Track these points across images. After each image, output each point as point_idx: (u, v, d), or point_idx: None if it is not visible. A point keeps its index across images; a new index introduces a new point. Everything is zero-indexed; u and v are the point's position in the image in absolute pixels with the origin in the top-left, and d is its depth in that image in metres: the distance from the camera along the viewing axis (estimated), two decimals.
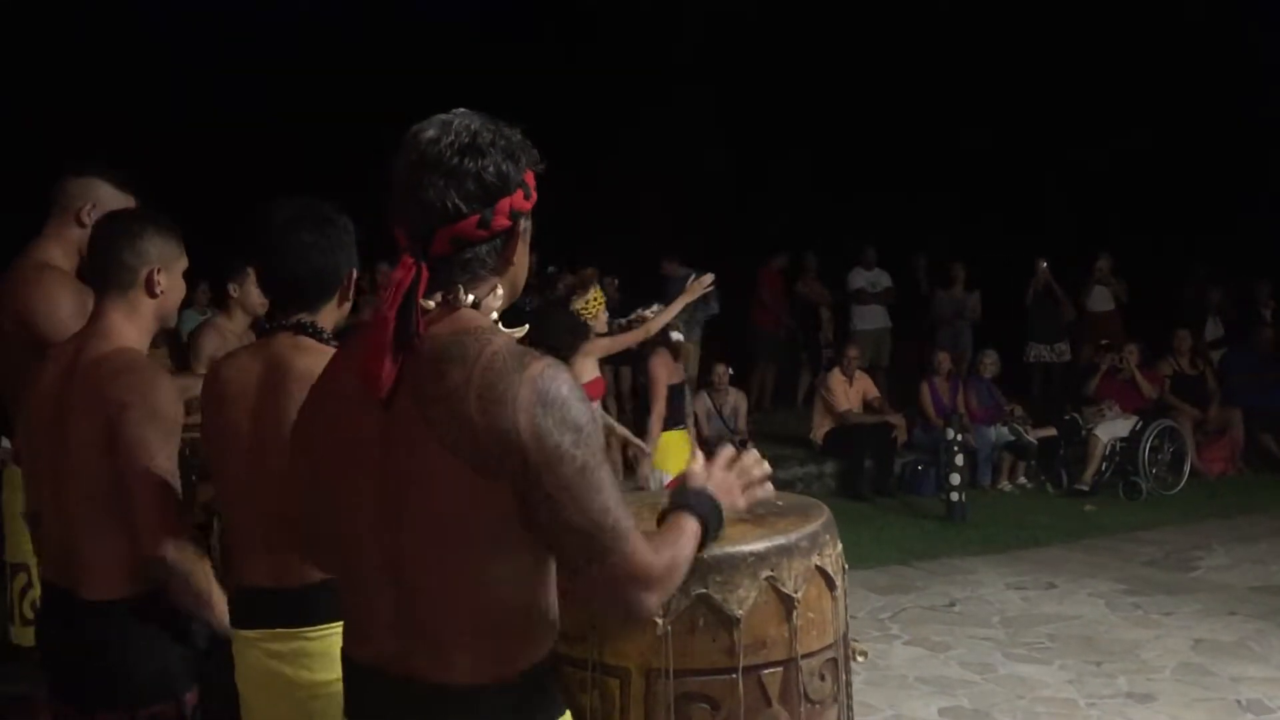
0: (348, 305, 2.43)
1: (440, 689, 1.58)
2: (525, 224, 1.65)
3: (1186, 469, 9.75)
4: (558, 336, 5.45)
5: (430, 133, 1.60)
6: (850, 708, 2.24)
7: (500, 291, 1.64)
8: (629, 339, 6.19)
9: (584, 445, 1.52)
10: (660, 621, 1.93)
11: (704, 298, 11.32)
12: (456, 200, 1.57)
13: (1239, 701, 4.77)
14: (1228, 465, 10.30)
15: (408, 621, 1.60)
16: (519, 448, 1.49)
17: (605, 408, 10.12)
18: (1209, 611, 6.05)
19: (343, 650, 1.72)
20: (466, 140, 1.58)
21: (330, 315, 2.38)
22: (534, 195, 1.65)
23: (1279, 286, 12.13)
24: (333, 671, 1.88)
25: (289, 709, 2.24)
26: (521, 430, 1.49)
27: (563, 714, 1.68)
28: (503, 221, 1.60)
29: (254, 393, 2.27)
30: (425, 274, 1.57)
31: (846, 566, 2.31)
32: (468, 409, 1.50)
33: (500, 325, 1.64)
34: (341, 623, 1.74)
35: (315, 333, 2.31)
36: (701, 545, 1.77)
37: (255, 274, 2.78)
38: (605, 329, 6.39)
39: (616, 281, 11.26)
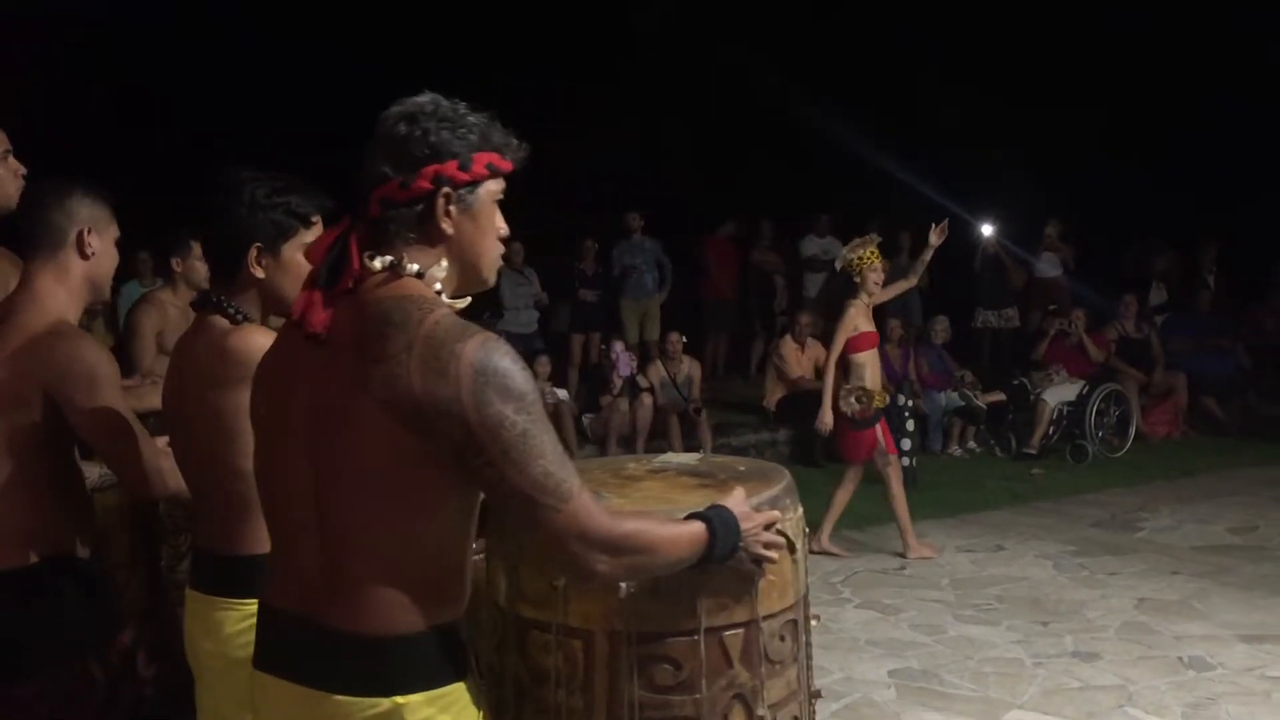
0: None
1: (352, 637, 1.65)
2: (465, 196, 1.70)
3: (1132, 432, 9.96)
4: (842, 291, 6.28)
5: (392, 110, 1.70)
6: (810, 668, 2.28)
7: (444, 264, 1.70)
8: (898, 289, 7.16)
9: (525, 412, 1.58)
10: (624, 585, 1.95)
11: (656, 263, 11.41)
12: (385, 165, 1.67)
13: (1181, 659, 4.90)
14: (1171, 428, 10.53)
15: (330, 571, 1.67)
16: (460, 416, 1.56)
17: (564, 380, 10.14)
18: (1152, 571, 6.20)
19: (261, 600, 1.80)
20: (411, 110, 1.68)
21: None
22: (482, 173, 1.70)
23: (1222, 252, 12.38)
24: None
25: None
26: (463, 399, 1.56)
27: (462, 678, 1.71)
28: (423, 185, 1.66)
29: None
30: (360, 232, 1.68)
31: (808, 530, 2.34)
32: (408, 374, 1.57)
33: (443, 297, 1.70)
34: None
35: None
36: (708, 556, 1.83)
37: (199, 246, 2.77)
38: (874, 289, 6.71)
39: (596, 246, 11.27)
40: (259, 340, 2.16)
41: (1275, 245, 12.64)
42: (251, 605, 2.11)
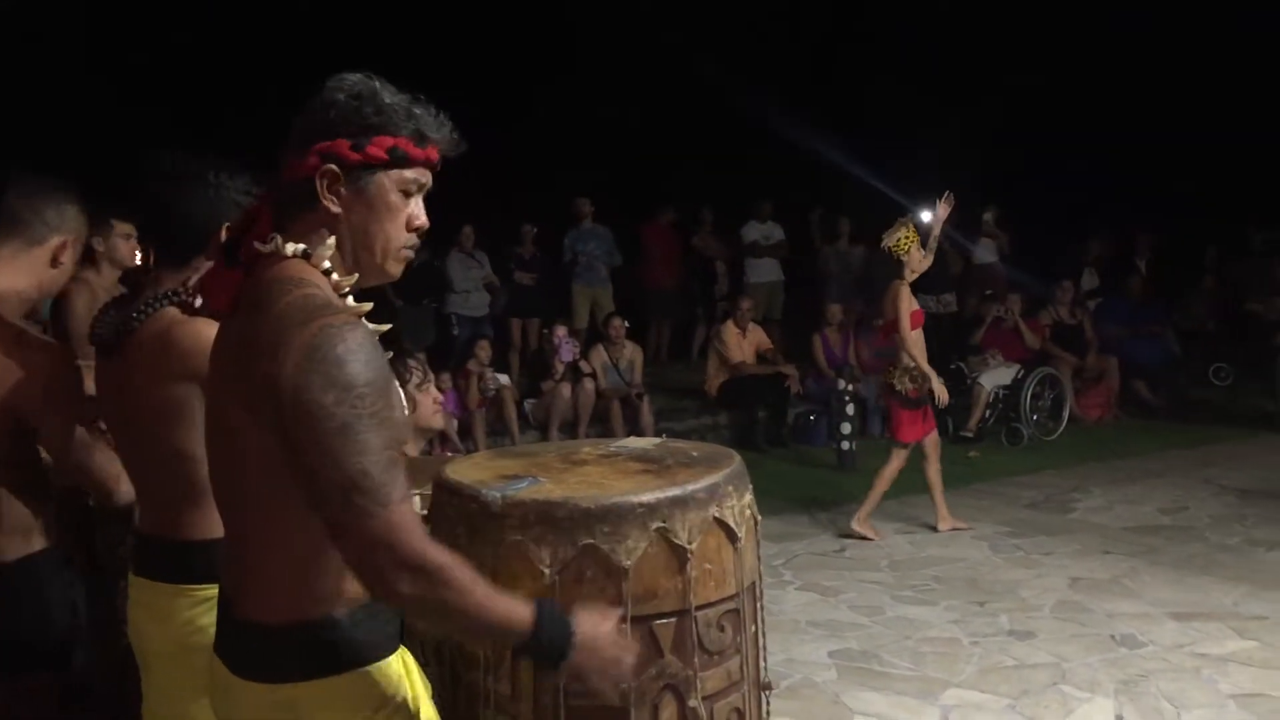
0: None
1: (252, 625, 1.63)
2: (359, 178, 1.63)
3: (1065, 415, 10.11)
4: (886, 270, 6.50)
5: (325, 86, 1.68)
6: (760, 659, 2.26)
7: (331, 243, 1.64)
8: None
9: (349, 405, 1.48)
10: (547, 572, 1.93)
11: (607, 250, 11.39)
12: (292, 142, 1.64)
13: (1113, 636, 4.97)
14: (1104, 411, 10.70)
15: (236, 558, 1.67)
16: (277, 399, 1.49)
17: (506, 365, 10.08)
18: (1086, 551, 6.29)
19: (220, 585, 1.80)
20: (331, 86, 1.64)
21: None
22: (378, 156, 1.63)
23: (1154, 239, 12.60)
24: None
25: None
26: (283, 381, 1.49)
27: (374, 661, 1.66)
28: (310, 162, 1.61)
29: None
30: (267, 210, 1.66)
31: (759, 518, 2.32)
32: (254, 354, 1.53)
33: (334, 277, 1.65)
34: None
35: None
36: (523, 650, 1.61)
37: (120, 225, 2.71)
38: (918, 266, 6.83)
39: (535, 230, 11.22)
40: (209, 332, 2.12)
41: (1205, 232, 12.91)
42: (203, 590, 2.09)
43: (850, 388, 8.99)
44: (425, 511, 2.41)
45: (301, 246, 1.62)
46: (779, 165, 13.45)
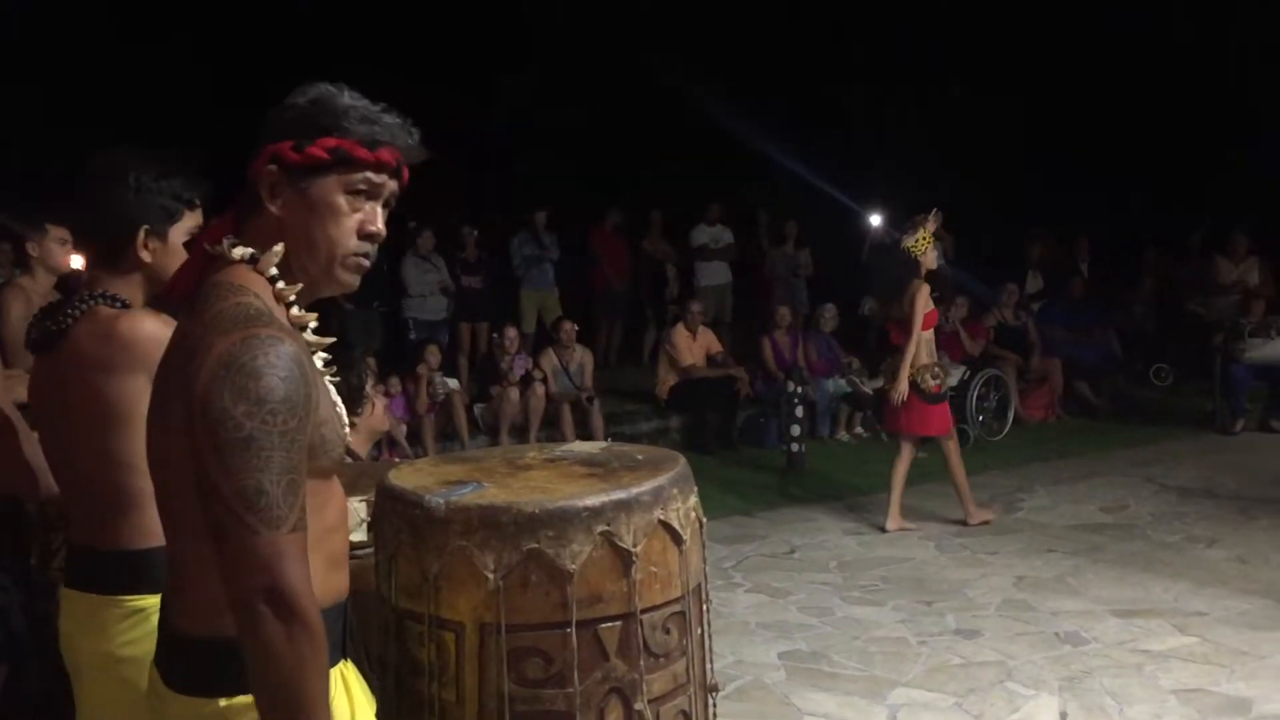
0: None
1: (184, 638, 1.60)
2: (302, 179, 1.61)
3: (1010, 416, 10.24)
4: (897, 271, 6.74)
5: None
6: (706, 660, 2.27)
7: (279, 249, 1.61)
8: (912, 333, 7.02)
9: (259, 419, 1.44)
10: (491, 576, 1.92)
11: (546, 250, 11.37)
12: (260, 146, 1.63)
13: (1057, 634, 5.04)
14: (1048, 412, 10.85)
15: (170, 567, 1.65)
16: (187, 404, 1.47)
17: (455, 369, 10.03)
18: (1030, 550, 6.37)
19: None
20: (292, 94, 1.63)
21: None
22: (320, 157, 1.60)
23: (1096, 243, 12.82)
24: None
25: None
26: (196, 387, 1.46)
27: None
28: (259, 164, 1.61)
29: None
30: (230, 212, 1.65)
31: (704, 520, 2.33)
32: (180, 361, 1.52)
33: (279, 285, 1.62)
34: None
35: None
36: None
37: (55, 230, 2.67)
38: (934, 265, 6.99)
39: (475, 233, 11.19)
40: (149, 325, 2.12)
41: (1145, 234, 13.15)
42: (134, 601, 2.05)
43: (800, 390, 9.04)
44: (369, 518, 2.39)
45: (250, 251, 1.60)
46: (728, 168, 13.52)
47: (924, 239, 6.91)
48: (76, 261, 4.81)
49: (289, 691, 1.43)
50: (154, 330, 2.08)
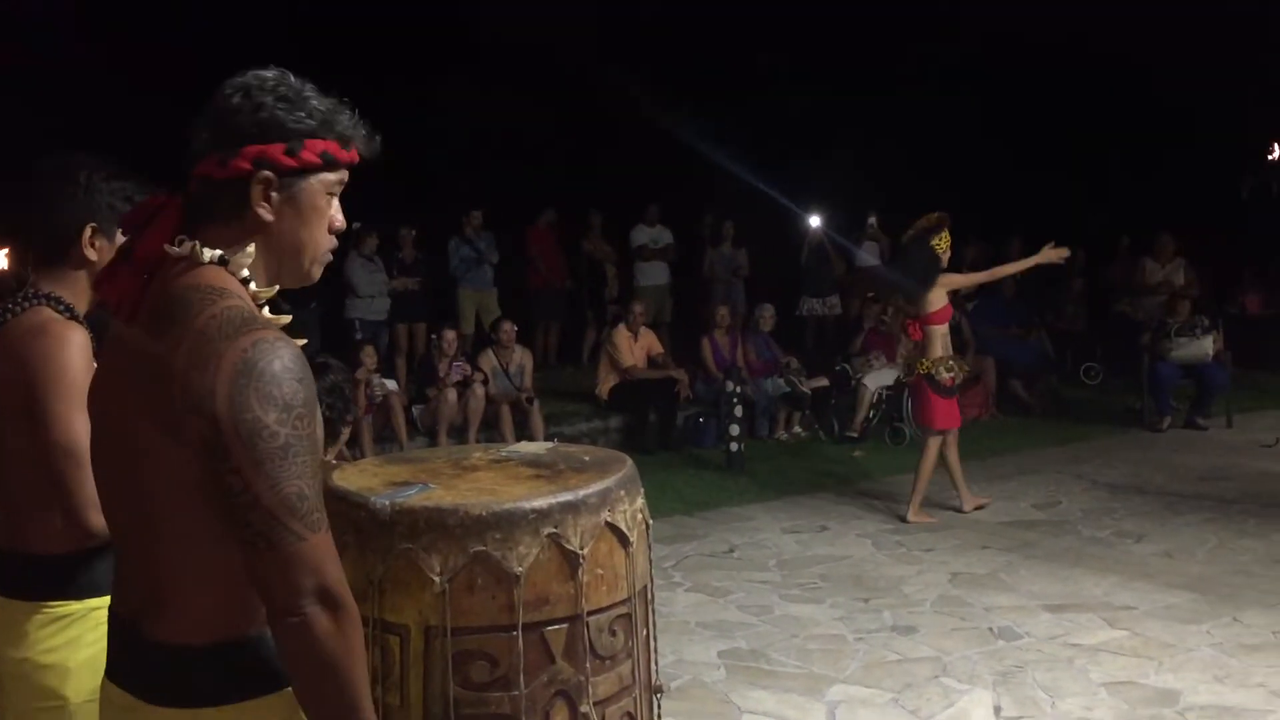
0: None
1: (163, 647, 1.56)
2: (291, 183, 1.58)
3: None
4: (919, 269, 6.96)
5: (234, 78, 1.58)
6: (652, 662, 2.28)
7: (250, 250, 1.58)
8: (979, 278, 7.62)
9: (289, 425, 1.44)
10: (437, 579, 1.92)
11: (483, 251, 11.34)
12: (207, 137, 1.55)
13: (991, 629, 5.13)
14: (982, 410, 11.01)
15: (148, 577, 1.58)
16: (211, 415, 1.43)
17: (393, 370, 9.94)
18: (965, 546, 6.48)
19: (110, 605, 1.71)
20: (250, 82, 1.57)
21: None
22: (313, 161, 1.58)
23: (1028, 242, 13.02)
24: None
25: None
26: (218, 398, 1.42)
27: (277, 690, 1.60)
28: (241, 165, 1.55)
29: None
30: (177, 209, 1.56)
31: (650, 522, 2.34)
32: (173, 370, 1.46)
33: (252, 286, 1.59)
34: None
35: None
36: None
37: None
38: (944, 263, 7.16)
39: (413, 233, 11.12)
40: (76, 334, 2.10)
41: (1075, 235, 13.39)
42: (59, 607, 2.01)
43: (739, 390, 9.10)
44: None
45: (218, 253, 1.55)
46: (668, 169, 13.56)
47: (944, 239, 7.07)
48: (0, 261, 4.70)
49: (344, 685, 1.46)
50: (79, 339, 2.07)
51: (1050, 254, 7.28)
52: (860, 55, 14.67)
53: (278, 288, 1.64)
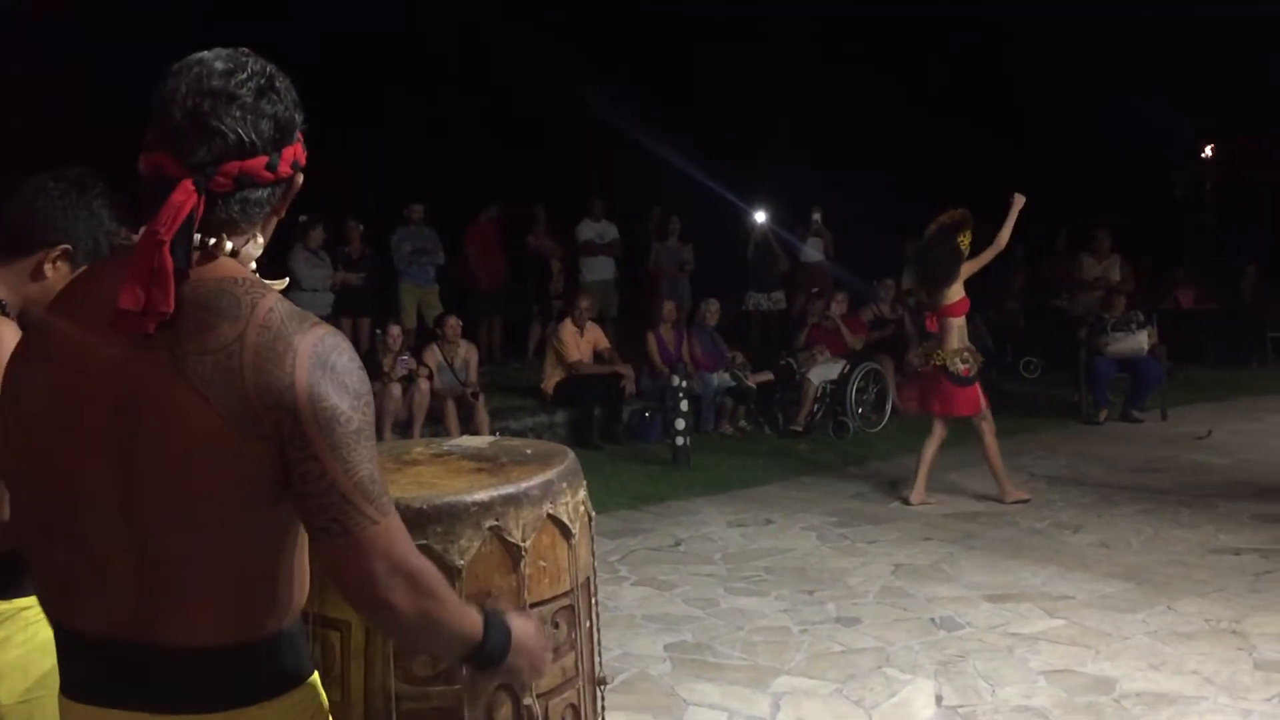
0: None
1: (185, 652, 1.51)
2: (300, 179, 1.60)
3: (888, 408, 10.50)
4: (944, 262, 7.20)
5: (221, 65, 1.51)
6: (595, 654, 2.28)
7: (261, 241, 1.58)
8: (987, 257, 7.52)
9: (362, 411, 1.49)
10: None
11: (426, 248, 11.26)
12: (252, 135, 1.50)
13: (933, 619, 5.19)
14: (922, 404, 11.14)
15: (150, 584, 1.50)
16: (291, 407, 1.44)
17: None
18: (907, 538, 6.55)
19: (60, 623, 1.60)
20: (264, 81, 1.52)
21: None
22: (304, 155, 1.60)
23: (971, 237, 13.18)
24: None
25: None
26: (298, 389, 1.44)
27: (311, 674, 1.63)
28: (285, 169, 1.54)
29: None
30: (203, 205, 1.48)
31: (593, 514, 2.33)
32: (240, 365, 1.44)
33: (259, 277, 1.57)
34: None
35: None
36: (471, 659, 1.63)
37: None
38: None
39: (361, 227, 11.04)
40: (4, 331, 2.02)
41: (1015, 231, 13.58)
42: None
43: (685, 384, 9.12)
44: None
45: (231, 245, 1.53)
46: (614, 164, 13.56)
47: (968, 236, 7.34)
48: None
49: (440, 631, 1.56)
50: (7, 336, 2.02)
51: (1019, 202, 7.55)
52: (800, 53, 14.75)
53: (287, 280, 1.63)
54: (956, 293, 7.27)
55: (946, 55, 15.02)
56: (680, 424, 8.92)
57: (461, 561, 1.95)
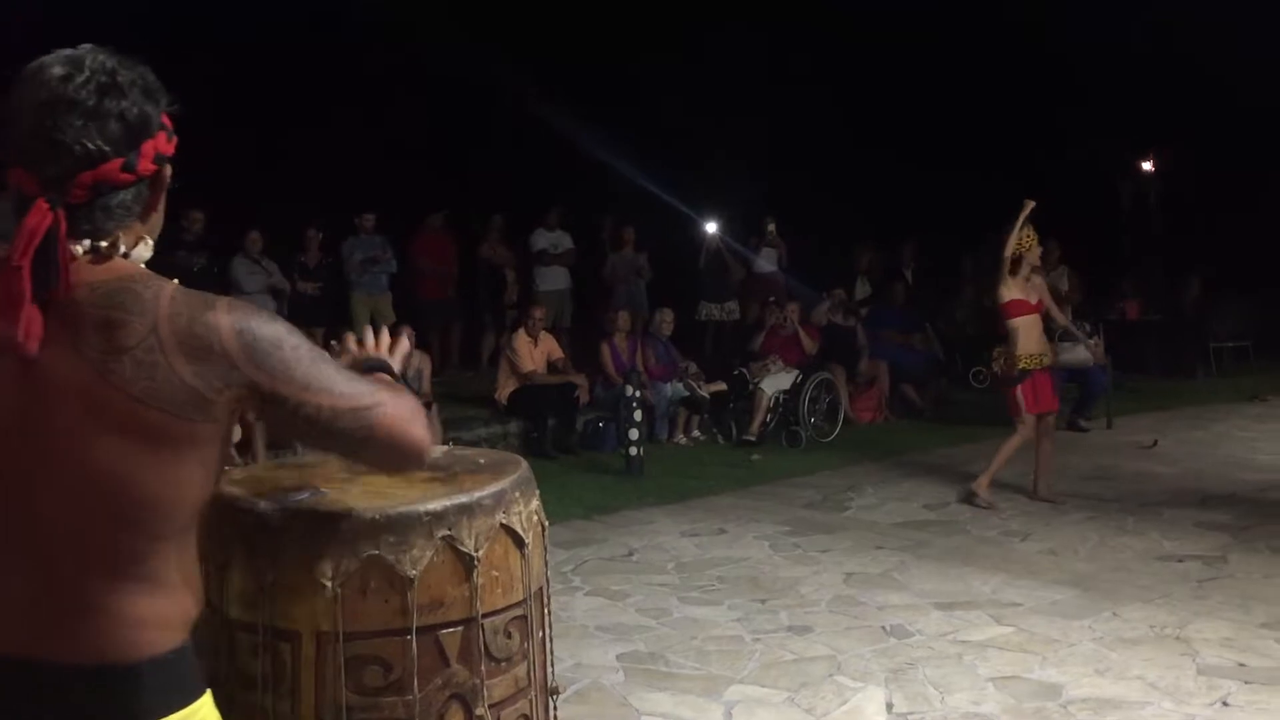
0: None
1: (96, 671, 1.47)
2: (169, 170, 1.58)
3: (840, 418, 10.58)
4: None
5: (58, 70, 1.47)
6: (547, 664, 2.27)
7: (149, 241, 1.56)
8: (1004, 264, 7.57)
9: (301, 346, 1.54)
10: (329, 585, 1.88)
11: (377, 257, 11.20)
12: (99, 142, 1.46)
13: (884, 627, 5.24)
14: (875, 414, 11.25)
15: (55, 601, 1.47)
16: (245, 383, 1.48)
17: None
18: (859, 547, 6.60)
19: None
20: (105, 80, 1.48)
21: None
22: (174, 138, 1.57)
23: (921, 248, 13.38)
24: None
25: None
26: (241, 367, 1.48)
27: (203, 693, 1.58)
28: (147, 165, 1.51)
29: None
30: (63, 220, 1.44)
31: (546, 524, 2.33)
32: (164, 355, 1.43)
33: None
34: None
35: None
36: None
37: None
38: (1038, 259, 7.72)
39: (320, 235, 10.96)
40: None
41: (963, 244, 13.80)
42: None
43: (638, 394, 9.13)
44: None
45: (122, 248, 1.51)
46: (569, 174, 13.56)
47: (1029, 237, 7.61)
48: None
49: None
50: None
51: (1028, 206, 7.70)
52: (746, 68, 14.86)
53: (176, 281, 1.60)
54: (1007, 293, 7.47)
55: (891, 69, 15.19)
56: (634, 434, 8.93)
57: (414, 572, 1.94)
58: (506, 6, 14.39)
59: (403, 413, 1.65)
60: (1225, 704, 4.27)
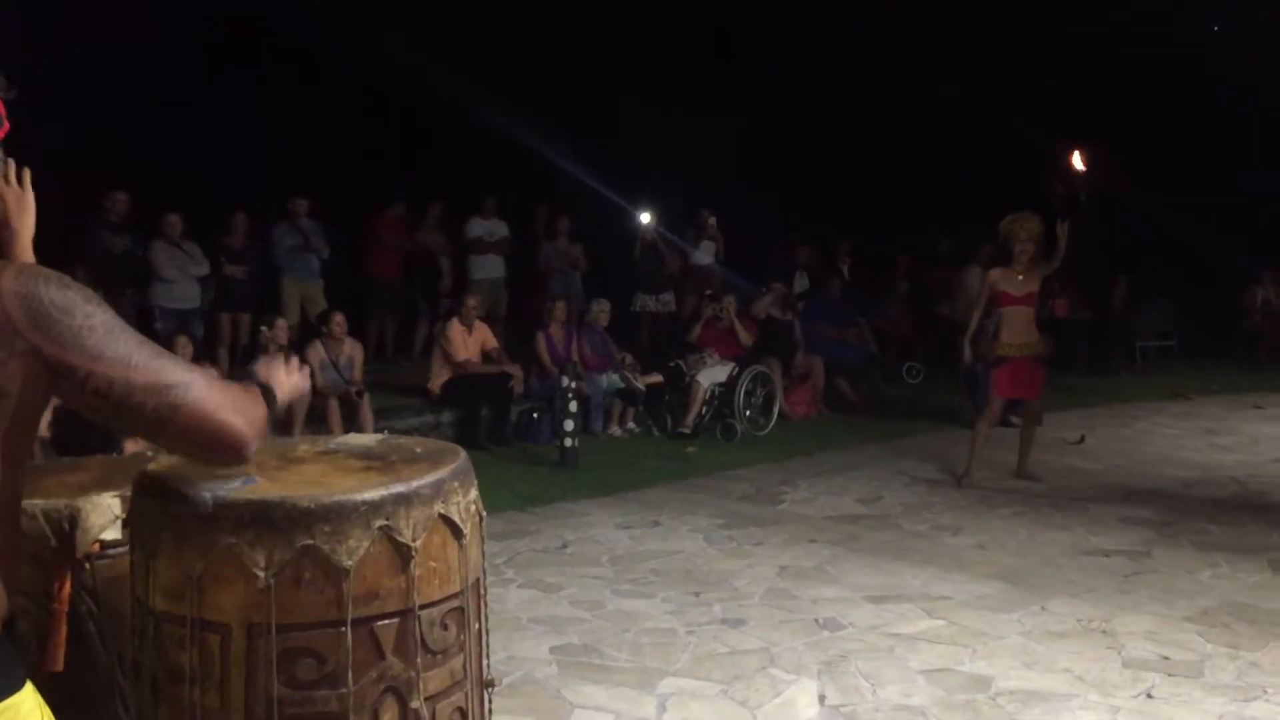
0: None
1: None
2: None
3: (775, 412, 10.63)
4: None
5: None
6: (483, 656, 2.23)
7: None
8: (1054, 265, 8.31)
9: (96, 315, 1.46)
10: (262, 575, 1.83)
11: (312, 244, 11.02)
12: None
13: (817, 620, 5.26)
14: (810, 408, 11.32)
15: None
16: (31, 351, 1.42)
17: (215, 361, 9.54)
18: (793, 540, 6.63)
19: None
20: None
21: None
22: (5, 124, 1.55)
23: (859, 244, 13.49)
24: None
25: None
26: (25, 334, 1.41)
27: (23, 686, 1.51)
28: None
29: None
30: None
31: (484, 514, 2.30)
32: None
33: None
34: None
35: None
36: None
37: None
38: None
39: (247, 220, 10.77)
40: None
41: (898, 242, 13.95)
42: None
43: (574, 385, 9.09)
44: (124, 515, 2.24)
45: None
46: (503, 162, 13.44)
47: (1018, 239, 8.24)
48: None
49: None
50: None
51: (1064, 230, 8.41)
52: (699, 59, 14.85)
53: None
54: (996, 285, 8.07)
55: (831, 64, 15.27)
56: (568, 425, 8.88)
57: (350, 562, 1.90)
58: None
59: (214, 396, 1.56)
60: (1150, 696, 4.35)
